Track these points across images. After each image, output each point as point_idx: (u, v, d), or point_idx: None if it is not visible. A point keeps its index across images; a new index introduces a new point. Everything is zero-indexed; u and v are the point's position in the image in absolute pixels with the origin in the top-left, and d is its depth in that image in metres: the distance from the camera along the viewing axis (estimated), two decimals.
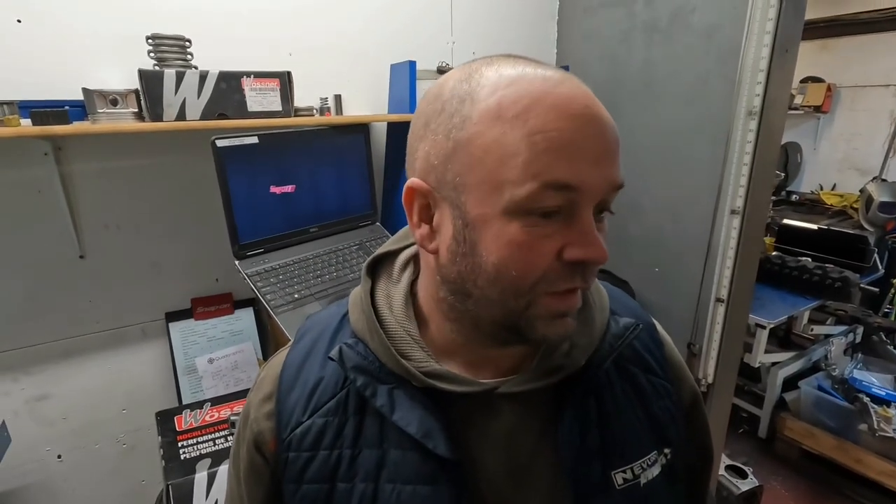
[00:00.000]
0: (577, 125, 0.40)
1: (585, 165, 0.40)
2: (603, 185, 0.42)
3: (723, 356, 1.59)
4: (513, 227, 0.41)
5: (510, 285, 0.42)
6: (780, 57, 1.34)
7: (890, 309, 2.96)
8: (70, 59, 1.24)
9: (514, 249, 0.41)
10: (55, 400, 1.41)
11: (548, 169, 0.39)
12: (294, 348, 0.57)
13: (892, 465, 2.02)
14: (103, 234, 1.38)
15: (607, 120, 0.43)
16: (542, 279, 0.42)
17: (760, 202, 1.48)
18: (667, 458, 0.55)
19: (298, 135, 1.36)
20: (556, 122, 0.40)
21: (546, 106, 0.40)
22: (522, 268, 0.42)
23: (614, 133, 0.43)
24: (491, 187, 0.41)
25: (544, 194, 0.40)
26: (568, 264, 0.42)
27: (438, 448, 0.46)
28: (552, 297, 0.43)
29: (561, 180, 0.40)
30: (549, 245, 0.42)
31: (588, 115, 0.41)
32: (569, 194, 0.40)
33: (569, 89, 0.41)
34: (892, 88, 3.32)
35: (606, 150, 0.42)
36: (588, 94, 0.43)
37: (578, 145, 0.40)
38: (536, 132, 0.39)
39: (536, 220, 0.41)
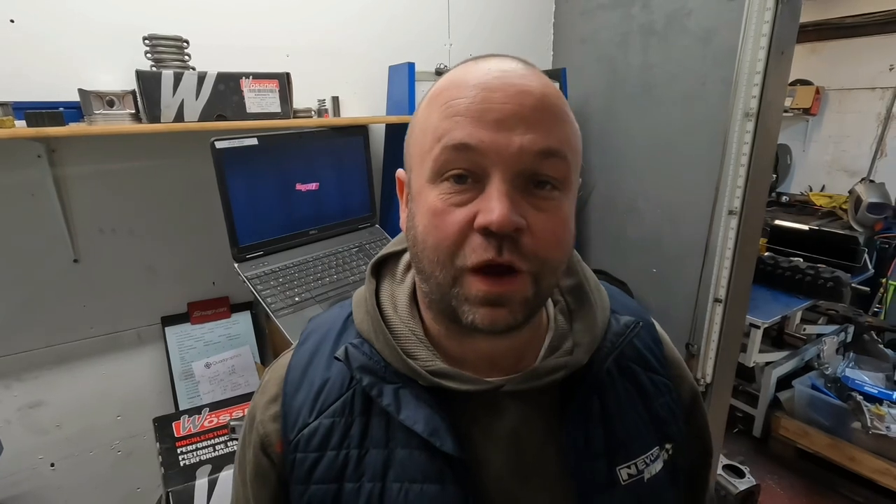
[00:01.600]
0: (482, 92, 0.42)
1: (487, 129, 0.41)
2: (513, 150, 0.41)
3: (721, 356, 1.60)
4: (432, 195, 0.43)
5: (432, 255, 0.44)
6: (776, 59, 1.36)
7: (880, 308, 3.00)
8: (65, 59, 1.22)
9: (431, 216, 0.43)
10: (48, 407, 1.38)
11: (449, 132, 0.42)
12: (298, 350, 0.57)
13: (885, 463, 2.04)
14: (98, 238, 1.36)
15: (527, 88, 0.42)
16: (458, 248, 0.42)
17: (757, 203, 1.49)
18: (668, 454, 0.55)
19: (298, 136, 1.35)
20: (462, 91, 0.43)
21: (459, 81, 0.44)
22: (438, 235, 0.43)
23: (537, 99, 0.42)
24: (421, 160, 0.45)
25: (448, 155, 0.42)
26: (480, 233, 0.41)
27: (445, 446, 0.46)
28: (475, 277, 0.42)
29: (460, 140, 0.41)
30: (461, 213, 0.42)
31: (495, 83, 0.42)
32: (470, 155, 0.41)
33: (486, 65, 0.44)
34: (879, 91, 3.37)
35: (518, 114, 0.41)
36: (514, 69, 0.44)
37: (479, 109, 0.41)
38: (444, 104, 0.43)
39: (450, 186, 0.43)
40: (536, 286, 0.44)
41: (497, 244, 0.41)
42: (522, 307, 0.44)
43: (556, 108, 0.43)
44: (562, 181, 0.44)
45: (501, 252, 0.41)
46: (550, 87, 0.44)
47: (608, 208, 1.90)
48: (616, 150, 1.83)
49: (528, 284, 0.43)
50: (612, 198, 1.87)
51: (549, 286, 0.46)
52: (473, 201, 0.42)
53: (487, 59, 0.46)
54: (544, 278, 0.44)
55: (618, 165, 1.83)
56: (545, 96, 0.43)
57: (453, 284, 0.43)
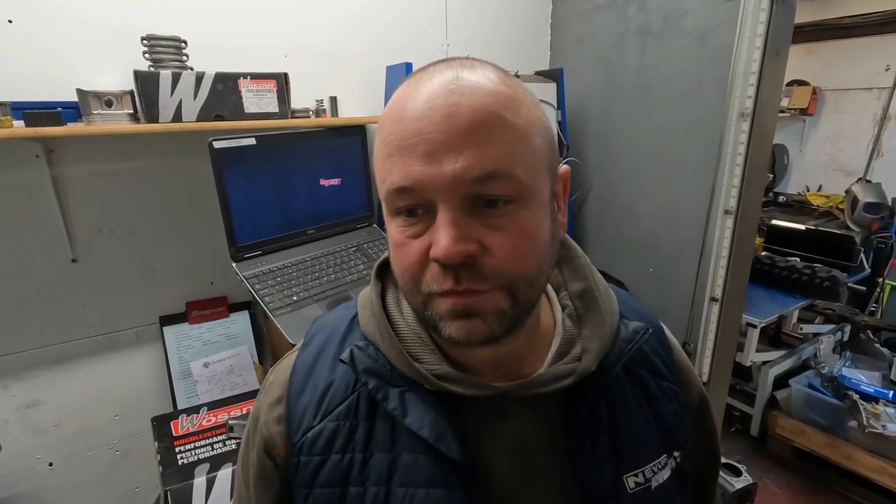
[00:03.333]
0: (408, 125, 0.40)
1: (418, 165, 0.39)
2: (445, 180, 0.39)
3: (717, 355, 1.61)
4: (392, 227, 0.44)
5: (402, 283, 0.45)
6: (771, 60, 1.36)
7: (876, 307, 3.01)
8: (63, 59, 1.22)
9: (394, 249, 0.44)
10: (47, 407, 1.39)
11: (389, 174, 0.41)
12: (303, 352, 0.56)
13: (881, 461, 2.05)
14: (96, 238, 1.36)
15: (457, 106, 0.39)
16: (421, 279, 0.43)
17: (753, 203, 1.50)
18: (676, 462, 0.55)
19: (296, 136, 1.36)
20: (394, 126, 0.41)
21: (393, 114, 0.42)
22: (400, 266, 0.44)
23: (466, 119, 0.39)
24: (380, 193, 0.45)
25: (392, 197, 0.42)
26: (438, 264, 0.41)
27: (451, 452, 0.46)
28: (441, 297, 0.42)
29: (397, 184, 0.41)
30: (417, 245, 0.42)
31: (423, 111, 0.40)
32: (412, 194, 0.41)
33: (419, 88, 0.41)
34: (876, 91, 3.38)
35: (447, 143, 0.39)
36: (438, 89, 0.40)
37: (410, 146, 0.40)
38: (382, 141, 0.43)
39: (404, 220, 0.43)
40: (512, 297, 0.42)
41: (453, 273, 0.41)
42: (498, 318, 0.42)
43: (491, 124, 0.40)
44: (514, 195, 0.41)
45: (459, 281, 0.41)
46: (489, 95, 0.40)
47: (605, 208, 1.91)
48: (613, 151, 1.84)
49: (499, 298, 0.42)
50: (608, 198, 1.88)
51: (528, 297, 0.44)
52: (427, 231, 0.42)
53: (424, 75, 0.43)
54: (519, 290, 0.43)
55: (614, 165, 1.84)
56: (475, 112, 0.39)
57: (425, 307, 0.44)
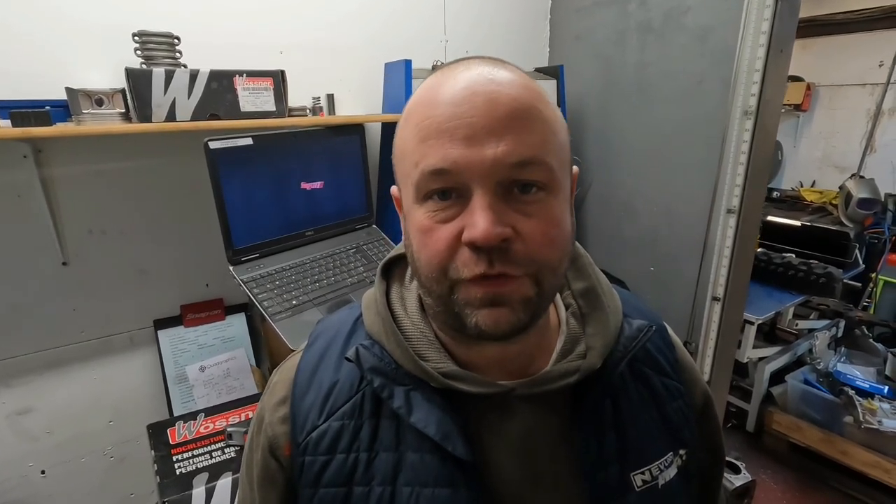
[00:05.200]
0: (449, 109, 0.41)
1: (457, 147, 0.41)
2: (488, 165, 0.40)
3: (719, 353, 1.61)
4: (419, 213, 0.44)
5: (427, 271, 0.44)
6: (775, 57, 1.35)
7: (869, 302, 3.04)
8: (52, 56, 1.18)
9: (420, 235, 0.44)
10: (38, 413, 1.35)
11: (424, 157, 0.42)
12: (307, 352, 0.56)
13: (876, 456, 2.06)
14: (87, 240, 1.32)
15: (495, 94, 0.41)
16: (450, 263, 0.43)
17: (755, 201, 1.49)
18: (682, 460, 0.55)
19: (294, 136, 1.32)
20: (430, 110, 0.42)
21: (428, 99, 0.43)
22: (428, 252, 0.43)
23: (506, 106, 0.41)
24: (404, 181, 0.46)
25: (426, 180, 0.42)
26: (470, 248, 0.41)
27: (457, 450, 0.46)
28: (471, 284, 0.42)
29: (434, 166, 0.41)
30: (448, 229, 0.42)
31: (462, 96, 0.41)
32: (448, 177, 0.41)
33: (457, 75, 0.43)
34: (869, 87, 3.40)
35: (487, 127, 0.40)
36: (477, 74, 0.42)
37: (449, 129, 0.41)
38: (416, 125, 0.43)
39: (435, 203, 0.43)
40: (538, 286, 0.43)
41: (487, 257, 0.41)
42: (524, 306, 0.43)
43: (529, 113, 0.42)
44: (546, 183, 0.43)
45: (492, 264, 0.41)
46: (524, 88, 0.43)
47: (605, 207, 1.89)
48: (613, 149, 1.82)
49: (526, 285, 0.43)
50: (608, 196, 1.87)
51: (551, 286, 0.45)
52: (459, 216, 0.42)
53: (458, 66, 0.45)
54: (545, 278, 0.44)
55: (614, 164, 1.82)
56: (514, 101, 0.41)
57: (451, 293, 0.44)
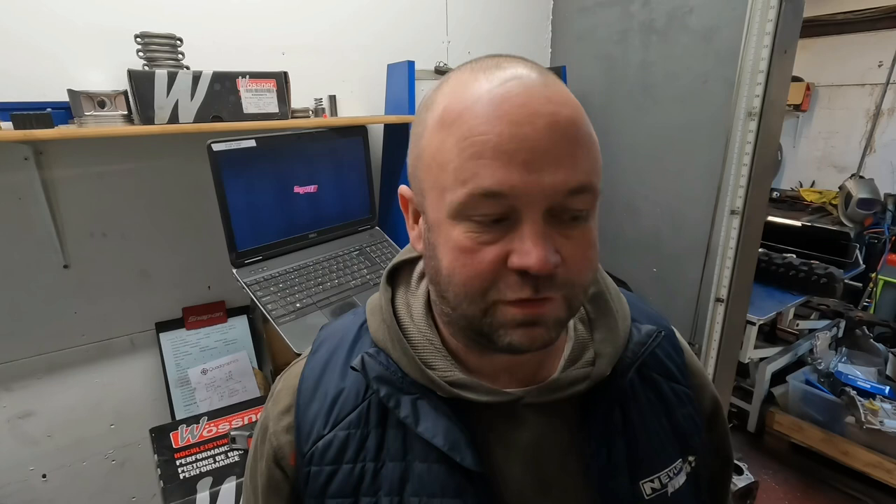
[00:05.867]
0: (506, 128, 0.38)
1: (516, 171, 0.37)
2: (545, 191, 0.38)
3: (722, 355, 1.61)
4: (457, 231, 0.41)
5: (461, 291, 0.41)
6: (779, 57, 1.35)
7: (869, 302, 3.04)
8: (53, 58, 1.17)
9: (458, 254, 0.41)
10: (39, 417, 1.34)
11: (475, 176, 0.38)
12: (311, 359, 0.55)
13: (878, 457, 2.06)
14: (88, 243, 1.31)
15: (556, 117, 0.38)
16: (492, 287, 0.40)
17: (759, 202, 1.49)
18: (691, 466, 0.54)
19: (297, 137, 1.31)
20: (482, 126, 0.38)
21: (478, 109, 0.39)
22: (466, 273, 0.41)
23: (566, 131, 0.39)
24: (438, 192, 0.42)
25: (475, 202, 0.39)
26: (518, 273, 0.39)
27: (465, 461, 0.45)
28: (509, 306, 0.41)
29: (488, 188, 0.38)
30: (492, 251, 0.40)
31: (523, 116, 0.38)
32: (502, 201, 0.38)
33: (509, 88, 0.39)
34: (869, 87, 3.40)
35: (548, 153, 0.38)
36: (534, 91, 0.39)
37: (508, 150, 0.37)
38: (465, 138, 0.39)
39: (478, 225, 0.40)
40: (568, 306, 0.43)
41: (533, 282, 0.40)
42: (557, 326, 0.43)
43: (584, 135, 0.40)
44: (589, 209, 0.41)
45: (538, 289, 0.40)
46: (575, 108, 0.40)
47: (608, 207, 1.89)
48: (615, 149, 1.82)
49: (561, 306, 0.42)
50: (611, 197, 1.87)
51: (579, 304, 0.45)
52: (504, 238, 0.40)
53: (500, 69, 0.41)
54: (576, 298, 0.43)
55: (617, 164, 1.82)
56: (572, 125, 0.39)
57: (484, 315, 0.42)
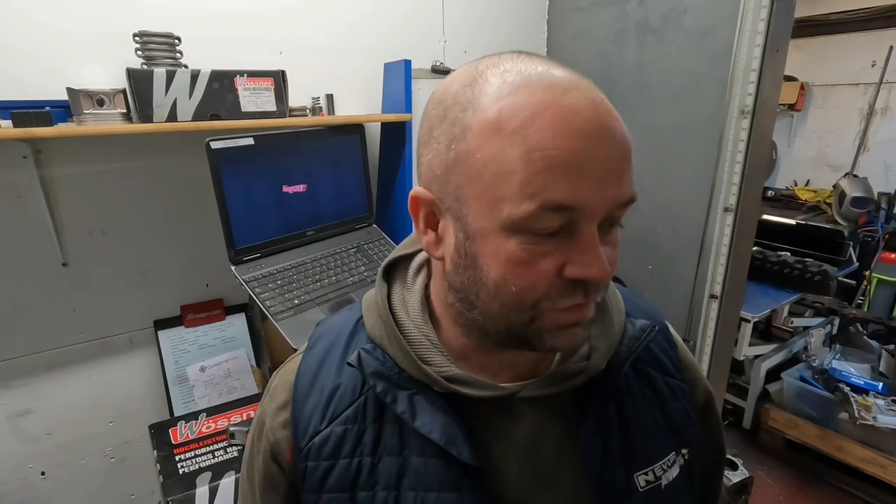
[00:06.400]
0: (578, 143, 0.37)
1: (587, 186, 0.38)
2: (607, 205, 0.39)
3: (716, 351, 1.62)
4: (511, 243, 0.40)
5: (511, 301, 0.41)
6: (771, 57, 1.37)
7: (863, 300, 3.07)
8: (52, 57, 1.18)
9: (512, 266, 0.40)
10: (38, 415, 1.34)
11: (545, 190, 0.37)
12: (308, 355, 0.55)
13: (872, 452, 2.09)
14: (87, 241, 1.32)
15: (616, 132, 0.39)
16: (545, 297, 0.41)
17: (752, 200, 1.51)
18: (685, 459, 0.55)
19: (295, 136, 1.32)
20: (555, 140, 0.37)
21: (546, 120, 0.38)
22: (522, 285, 0.41)
23: (623, 146, 0.40)
24: (489, 202, 0.40)
25: (542, 215, 0.38)
26: (570, 281, 0.40)
27: (462, 455, 0.46)
28: (558, 312, 0.42)
29: (559, 202, 0.38)
30: (549, 263, 0.40)
31: (592, 131, 0.38)
32: (568, 214, 0.39)
33: (574, 100, 0.39)
34: (862, 87, 3.43)
35: (611, 167, 0.39)
36: (597, 104, 0.39)
37: (579, 165, 0.37)
38: (534, 150, 0.37)
39: (536, 237, 0.39)
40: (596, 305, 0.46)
41: (585, 289, 0.42)
42: (589, 325, 0.46)
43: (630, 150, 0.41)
44: None
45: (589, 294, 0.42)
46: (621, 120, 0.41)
47: None
48: None
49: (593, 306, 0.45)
50: None
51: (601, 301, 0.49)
52: (559, 250, 0.40)
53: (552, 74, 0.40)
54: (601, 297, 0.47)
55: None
56: (625, 138, 0.40)
57: (531, 322, 0.43)
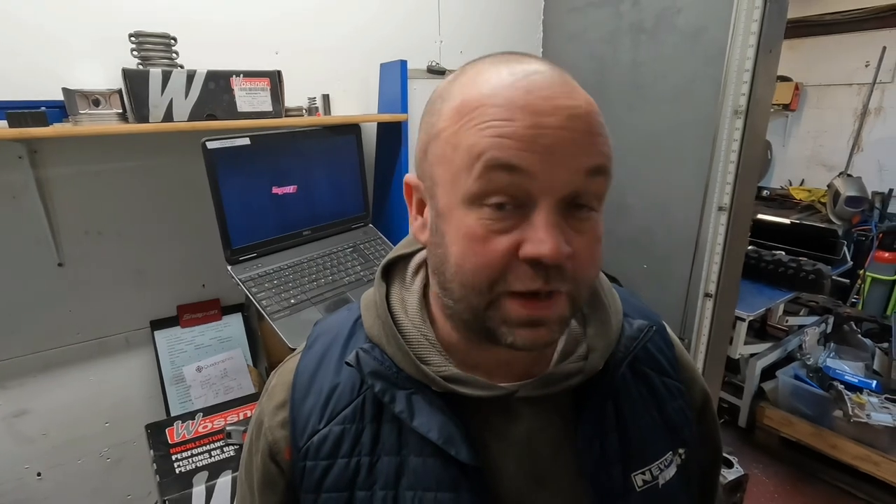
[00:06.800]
0: (532, 116, 0.39)
1: (537, 153, 0.38)
2: (562, 176, 0.39)
3: (711, 349, 1.63)
4: (470, 218, 0.41)
5: (469, 280, 0.42)
6: (764, 57, 1.38)
7: (857, 299, 3.09)
8: (47, 57, 1.18)
9: (469, 242, 0.41)
10: (34, 415, 1.34)
11: (491, 148, 0.39)
12: (306, 354, 0.55)
13: (866, 449, 2.10)
14: (83, 241, 1.32)
15: (577, 108, 0.40)
16: (501, 278, 0.41)
17: (746, 199, 1.52)
18: (681, 459, 0.55)
19: (291, 136, 1.33)
20: (506, 113, 0.39)
21: (501, 99, 0.40)
22: (477, 262, 0.41)
23: (585, 120, 0.40)
24: (452, 178, 0.42)
25: (490, 175, 0.39)
26: (527, 263, 0.40)
27: (461, 454, 0.46)
28: (515, 301, 0.41)
29: (507, 160, 0.38)
30: (505, 240, 0.40)
31: (545, 108, 0.39)
32: (516, 179, 0.39)
33: (531, 82, 0.40)
34: (856, 87, 3.45)
35: (568, 139, 0.39)
36: (554, 84, 0.40)
37: (530, 138, 0.38)
38: (485, 122, 0.40)
39: (492, 212, 0.40)
40: (572, 304, 0.43)
41: (545, 273, 0.40)
42: (560, 325, 0.44)
43: (600, 123, 0.41)
44: (600, 199, 0.42)
45: (549, 281, 0.40)
46: (592, 101, 0.42)
47: None
48: None
49: (564, 304, 0.43)
50: None
51: (581, 302, 0.45)
52: (516, 228, 0.40)
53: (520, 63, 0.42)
54: (580, 295, 0.44)
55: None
56: (591, 114, 0.41)
57: (488, 308, 0.42)
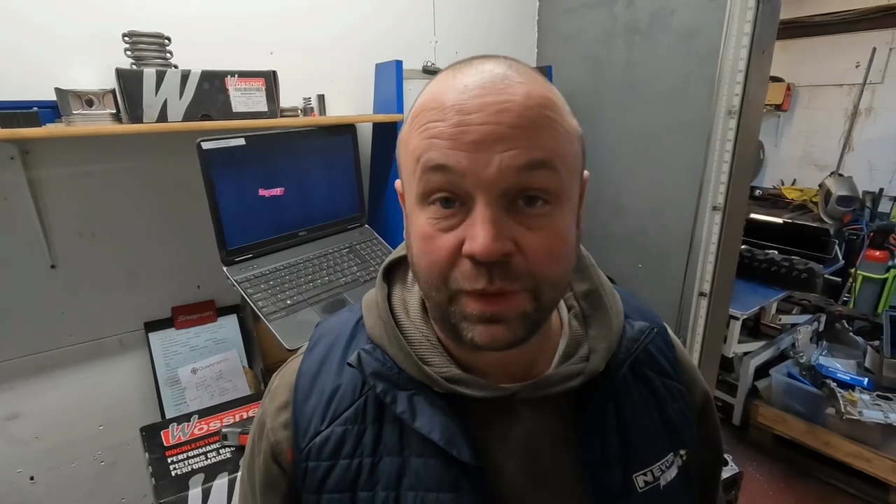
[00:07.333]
0: (457, 115, 0.40)
1: (463, 149, 0.39)
2: (490, 170, 0.39)
3: (706, 348, 1.64)
4: (421, 218, 0.43)
5: (424, 277, 0.44)
6: (757, 57, 1.39)
7: (849, 297, 3.12)
8: (39, 57, 1.17)
9: (422, 240, 0.43)
10: (27, 418, 1.33)
11: (426, 151, 0.41)
12: (308, 356, 0.56)
13: (858, 446, 2.12)
14: (76, 242, 1.31)
15: (507, 103, 0.39)
16: (451, 275, 0.41)
17: (740, 198, 1.53)
18: (682, 460, 0.55)
19: (286, 136, 1.32)
20: (438, 114, 0.41)
21: (436, 101, 0.42)
22: (428, 259, 0.42)
23: (517, 114, 0.39)
24: (408, 181, 0.45)
25: (428, 177, 0.41)
26: (470, 261, 0.40)
27: (462, 455, 0.46)
28: (470, 297, 0.41)
29: (435, 161, 0.40)
30: (449, 238, 0.41)
31: (474, 104, 0.40)
32: (450, 177, 0.40)
33: (469, 82, 0.41)
34: (847, 87, 3.49)
35: (493, 132, 0.39)
36: (492, 82, 0.40)
37: (453, 133, 0.40)
38: (423, 125, 0.42)
39: (438, 210, 0.42)
40: (536, 301, 0.42)
41: (487, 271, 0.40)
42: (522, 322, 0.42)
43: (542, 117, 0.40)
44: (554, 193, 0.41)
45: (492, 280, 0.40)
46: (538, 92, 0.41)
47: (594, 205, 1.92)
48: (601, 148, 1.85)
49: (524, 300, 0.42)
50: (597, 194, 1.90)
51: (551, 299, 0.44)
52: (461, 225, 0.41)
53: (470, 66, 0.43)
54: (544, 293, 0.42)
55: (603, 163, 1.85)
56: (528, 108, 0.40)
57: (450, 303, 0.43)
